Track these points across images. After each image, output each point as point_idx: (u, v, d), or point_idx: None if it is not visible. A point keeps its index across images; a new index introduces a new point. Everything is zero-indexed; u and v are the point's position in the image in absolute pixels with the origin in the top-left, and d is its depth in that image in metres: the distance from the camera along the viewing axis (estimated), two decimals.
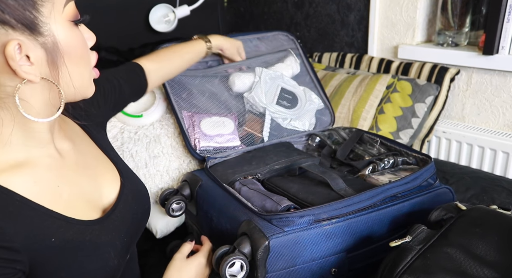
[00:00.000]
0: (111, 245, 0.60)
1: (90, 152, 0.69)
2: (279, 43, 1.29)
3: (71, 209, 0.57)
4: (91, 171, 0.66)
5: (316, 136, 1.17)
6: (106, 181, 0.67)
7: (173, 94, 1.10)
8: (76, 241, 0.55)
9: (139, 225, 0.71)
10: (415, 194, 0.85)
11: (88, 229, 0.58)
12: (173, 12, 1.47)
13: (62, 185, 0.58)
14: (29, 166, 0.55)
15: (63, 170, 0.60)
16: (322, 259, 0.76)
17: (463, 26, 1.43)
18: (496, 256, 0.62)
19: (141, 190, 0.73)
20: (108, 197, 0.66)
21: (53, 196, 0.56)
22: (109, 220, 0.62)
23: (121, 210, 0.65)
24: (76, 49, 0.55)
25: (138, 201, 0.70)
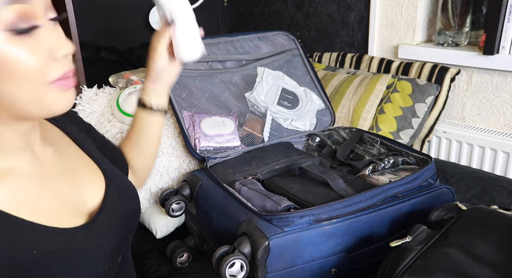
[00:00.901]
0: (99, 250, 0.58)
1: (72, 155, 0.66)
2: (279, 43, 1.29)
3: (53, 218, 0.55)
4: (73, 174, 0.63)
5: (316, 136, 1.16)
6: (90, 183, 0.65)
7: (173, 94, 1.10)
8: (60, 250, 0.53)
9: (129, 225, 0.68)
10: (415, 194, 0.85)
11: (73, 236, 0.55)
12: None
13: (43, 193, 0.56)
14: (5, 176, 0.53)
15: (43, 177, 0.57)
16: (322, 259, 0.76)
17: (463, 26, 1.43)
18: (496, 256, 0.62)
19: (128, 189, 0.71)
20: (93, 200, 0.63)
21: (33, 206, 0.54)
22: (96, 224, 0.60)
23: (108, 212, 0.63)
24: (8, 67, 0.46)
25: (125, 200, 0.68)
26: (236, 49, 1.23)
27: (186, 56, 0.74)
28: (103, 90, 1.19)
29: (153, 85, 0.79)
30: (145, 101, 0.80)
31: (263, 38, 1.28)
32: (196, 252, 0.99)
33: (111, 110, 1.12)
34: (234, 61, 1.22)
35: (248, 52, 1.24)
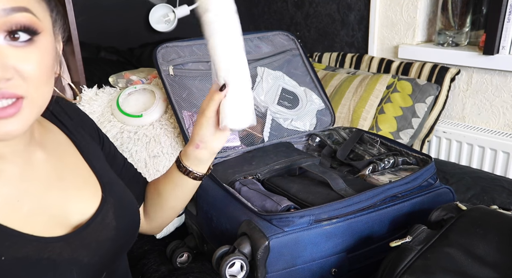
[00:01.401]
0: (74, 264, 0.55)
1: (71, 164, 0.64)
2: (279, 43, 1.29)
3: (30, 225, 0.53)
4: (65, 184, 0.61)
5: (316, 136, 1.16)
6: (82, 196, 0.62)
7: (174, 94, 1.10)
8: (30, 259, 0.50)
9: (121, 243, 0.65)
10: (415, 194, 0.85)
11: (48, 246, 0.53)
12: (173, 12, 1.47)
13: (24, 198, 0.54)
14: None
15: (27, 182, 0.56)
16: (322, 259, 0.76)
17: (463, 26, 1.43)
18: (496, 256, 0.62)
19: (127, 205, 0.67)
20: (82, 213, 0.60)
21: (10, 211, 0.52)
22: (78, 237, 0.57)
23: (97, 227, 0.60)
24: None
25: (121, 217, 0.64)
26: None
27: (233, 124, 0.65)
28: (103, 90, 1.19)
29: (195, 150, 0.71)
30: (183, 165, 0.73)
31: (263, 38, 1.28)
32: (196, 252, 0.99)
33: (111, 110, 1.12)
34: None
35: (248, 52, 1.24)
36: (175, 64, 1.13)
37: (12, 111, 0.47)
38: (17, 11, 0.46)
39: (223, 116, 0.65)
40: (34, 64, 0.48)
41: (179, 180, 0.74)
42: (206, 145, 0.70)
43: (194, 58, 1.17)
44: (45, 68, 0.50)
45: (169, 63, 1.13)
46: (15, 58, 0.47)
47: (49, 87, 0.52)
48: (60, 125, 0.67)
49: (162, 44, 1.14)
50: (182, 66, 1.15)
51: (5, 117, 0.47)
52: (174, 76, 1.12)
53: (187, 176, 0.74)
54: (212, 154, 0.72)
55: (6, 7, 0.45)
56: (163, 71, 1.12)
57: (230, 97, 0.65)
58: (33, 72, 0.48)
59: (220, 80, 0.65)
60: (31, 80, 0.48)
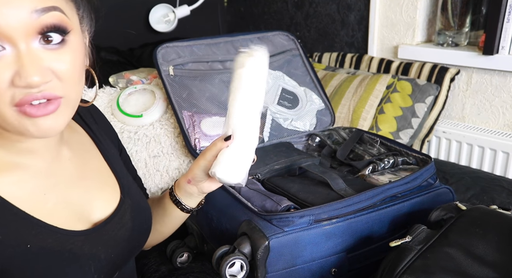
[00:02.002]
0: (93, 259, 0.57)
1: (93, 164, 0.67)
2: (279, 43, 1.29)
3: (55, 218, 0.55)
4: (87, 182, 0.63)
5: (316, 136, 1.17)
6: (103, 195, 0.65)
7: (174, 94, 1.10)
8: (54, 249, 0.53)
9: (135, 244, 0.67)
10: (415, 194, 0.85)
11: (70, 239, 0.55)
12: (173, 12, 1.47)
13: (50, 193, 0.57)
14: (16, 169, 0.54)
15: (54, 179, 0.58)
16: (322, 259, 0.76)
17: (463, 26, 1.43)
18: (496, 256, 0.62)
19: (143, 208, 0.70)
20: (102, 211, 0.63)
21: (37, 203, 0.54)
22: (98, 233, 0.60)
23: (114, 225, 0.62)
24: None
25: (137, 218, 0.67)
26: (236, 49, 1.23)
27: (221, 175, 0.65)
28: (103, 90, 1.19)
29: (186, 184, 0.73)
30: (174, 193, 0.75)
31: (263, 38, 1.28)
32: (196, 252, 0.99)
33: (111, 110, 1.12)
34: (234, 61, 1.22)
35: None
36: (175, 64, 1.14)
37: (52, 108, 0.50)
38: (47, 11, 0.48)
39: (215, 163, 0.66)
40: (68, 64, 0.51)
41: (168, 208, 0.76)
42: (197, 184, 0.72)
43: (194, 58, 1.17)
44: (78, 66, 0.53)
45: (169, 63, 1.13)
46: (50, 60, 0.49)
47: (82, 84, 0.55)
48: (85, 126, 0.69)
49: (162, 44, 1.14)
50: (182, 66, 1.15)
51: (47, 114, 0.50)
52: (174, 76, 1.12)
53: (176, 206, 0.75)
54: (201, 193, 0.74)
55: (38, 8, 0.47)
56: (163, 71, 1.12)
57: (230, 150, 0.66)
58: (67, 72, 0.51)
59: (228, 130, 0.66)
60: (66, 80, 0.51)
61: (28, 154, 0.56)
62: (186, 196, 0.75)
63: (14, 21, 0.46)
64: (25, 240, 0.51)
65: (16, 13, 0.45)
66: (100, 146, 0.70)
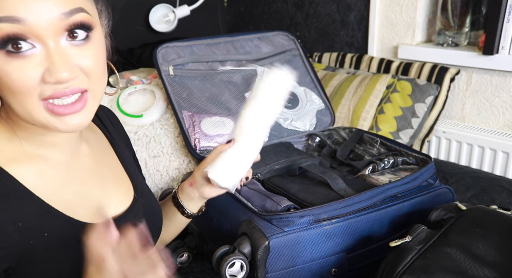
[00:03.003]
0: None
1: (109, 163, 0.68)
2: (279, 43, 1.29)
3: (72, 209, 0.57)
4: (103, 180, 0.65)
5: (316, 136, 1.17)
6: (117, 193, 0.66)
7: (174, 94, 1.10)
8: (70, 239, 0.55)
9: None
10: (415, 194, 0.85)
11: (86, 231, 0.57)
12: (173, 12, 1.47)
13: (67, 186, 0.59)
14: (36, 159, 0.56)
15: (72, 173, 0.60)
16: (322, 259, 0.76)
17: (463, 26, 1.43)
18: (496, 256, 0.62)
19: (155, 209, 0.72)
20: (116, 208, 0.65)
21: (56, 194, 0.56)
22: None
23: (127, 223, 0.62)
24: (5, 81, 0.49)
25: (149, 218, 0.68)
26: (236, 49, 1.23)
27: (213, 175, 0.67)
28: None
29: (189, 187, 0.76)
30: (177, 196, 0.78)
31: (263, 38, 1.28)
32: (196, 252, 0.99)
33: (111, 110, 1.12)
34: (234, 61, 1.22)
35: (248, 52, 1.24)
36: (175, 64, 1.14)
37: (80, 106, 0.53)
38: (75, 13, 0.50)
39: (212, 163, 0.68)
40: (93, 59, 0.53)
41: (170, 211, 0.79)
42: (198, 188, 0.75)
43: (194, 58, 1.17)
44: (102, 60, 0.55)
45: (169, 63, 1.13)
46: (77, 57, 0.51)
47: (105, 77, 0.58)
48: (103, 128, 0.72)
49: (162, 44, 1.14)
50: (182, 66, 1.15)
51: (75, 112, 0.52)
52: (174, 76, 1.12)
53: (177, 209, 0.78)
54: (201, 197, 0.77)
55: (65, 10, 0.49)
56: (163, 71, 1.12)
57: (228, 153, 0.68)
58: (93, 67, 0.53)
59: (232, 134, 0.69)
60: (92, 74, 0.53)
61: (49, 146, 0.58)
62: (188, 200, 0.77)
63: (43, 22, 0.48)
64: (43, 229, 0.53)
65: (45, 14, 0.48)
66: (116, 147, 0.72)
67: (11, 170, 0.53)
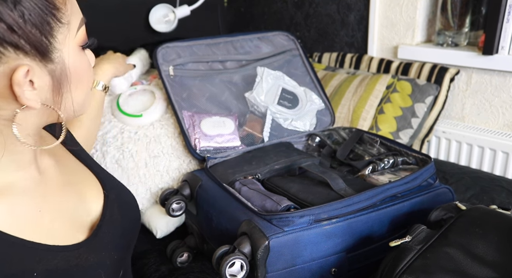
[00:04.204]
0: (101, 266, 0.57)
1: (72, 167, 0.65)
2: (279, 44, 1.29)
3: (54, 236, 0.54)
4: (75, 187, 0.62)
5: (316, 136, 1.17)
6: (90, 195, 0.64)
7: (174, 94, 1.11)
8: (61, 269, 0.51)
9: (129, 238, 0.67)
10: (415, 194, 0.85)
11: (74, 253, 0.54)
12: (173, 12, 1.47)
13: (44, 208, 0.55)
14: (4, 194, 0.50)
15: (44, 191, 0.56)
16: (322, 259, 0.76)
17: (463, 26, 1.43)
18: (496, 256, 0.62)
19: (127, 200, 0.69)
20: (94, 212, 0.62)
21: (33, 224, 0.52)
22: (97, 239, 0.59)
23: (107, 224, 0.62)
24: (83, 75, 0.55)
25: (124, 211, 0.67)
26: (236, 49, 1.23)
27: None
28: None
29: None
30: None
31: (263, 38, 1.28)
32: (196, 252, 0.99)
33: (112, 110, 1.12)
34: (234, 61, 1.22)
35: (248, 52, 1.24)
36: (175, 65, 1.14)
37: None
38: None
39: None
40: None
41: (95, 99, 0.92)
42: None
43: (194, 58, 1.17)
44: None
45: (169, 63, 1.13)
46: None
47: None
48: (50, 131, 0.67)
49: (162, 44, 1.14)
50: (182, 66, 1.15)
51: None
52: (174, 76, 1.13)
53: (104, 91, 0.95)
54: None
55: None
56: (163, 71, 1.12)
57: None
58: None
59: None
60: None
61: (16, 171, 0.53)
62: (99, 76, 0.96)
63: None
64: (30, 269, 0.49)
65: None
66: (67, 145, 0.68)
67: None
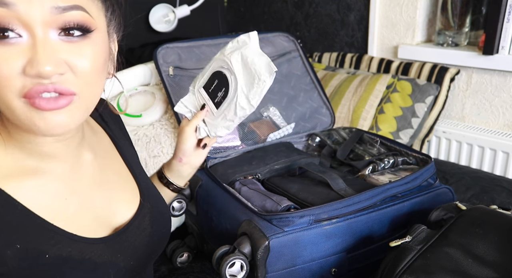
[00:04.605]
0: (112, 267, 0.56)
1: (114, 167, 0.65)
2: (279, 44, 1.29)
3: (76, 225, 0.54)
4: (108, 186, 0.62)
5: (316, 136, 1.17)
6: (123, 198, 0.64)
7: (174, 94, 1.10)
8: (72, 259, 0.52)
9: (154, 248, 0.66)
10: (415, 194, 0.85)
11: (90, 247, 0.54)
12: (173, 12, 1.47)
13: (71, 197, 0.56)
14: (36, 173, 0.52)
15: (75, 182, 0.57)
16: (322, 259, 0.76)
17: (463, 26, 1.43)
18: (496, 256, 0.62)
19: (162, 212, 0.69)
20: (123, 215, 0.62)
21: (58, 209, 0.53)
22: (118, 240, 0.58)
23: (134, 231, 0.61)
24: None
25: (156, 223, 0.66)
26: None
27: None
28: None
29: (178, 163, 0.80)
30: (165, 176, 0.81)
31: (263, 39, 1.28)
32: (196, 252, 0.99)
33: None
34: None
35: None
36: (175, 65, 1.14)
37: (63, 103, 0.47)
38: (69, 10, 0.46)
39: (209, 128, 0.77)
40: (87, 59, 0.48)
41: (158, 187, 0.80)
42: (188, 159, 0.79)
43: (194, 59, 1.17)
44: (97, 65, 0.50)
45: (169, 64, 1.13)
46: (68, 52, 0.47)
47: (99, 87, 0.53)
48: (106, 127, 0.69)
49: (163, 45, 1.14)
50: (182, 66, 1.15)
51: (57, 108, 0.47)
52: (174, 76, 1.12)
53: (166, 187, 0.81)
54: (193, 168, 0.82)
55: (59, 5, 0.46)
56: (163, 71, 1.12)
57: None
58: (85, 68, 0.48)
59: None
60: (82, 77, 0.48)
61: (49, 158, 0.54)
62: (177, 176, 0.81)
63: (34, 11, 0.44)
64: (43, 250, 0.49)
65: (37, 5, 0.44)
66: (120, 147, 0.69)
67: (8, 187, 0.49)
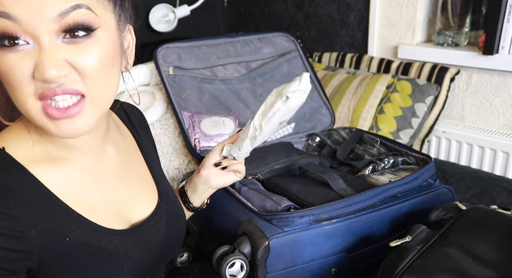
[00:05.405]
0: (127, 259, 0.58)
1: (136, 166, 0.67)
2: (279, 44, 1.29)
3: (95, 214, 0.56)
4: (129, 182, 0.64)
5: (316, 136, 1.17)
6: (142, 197, 0.65)
7: (174, 95, 1.11)
8: (90, 246, 0.54)
9: (168, 249, 0.68)
10: (415, 194, 0.85)
11: (108, 237, 0.56)
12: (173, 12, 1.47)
13: (93, 189, 0.58)
14: (62, 162, 0.55)
15: (98, 175, 0.59)
16: (322, 259, 0.76)
17: (463, 26, 1.43)
18: (496, 256, 0.62)
19: (178, 214, 0.71)
20: (140, 213, 0.64)
21: (80, 198, 0.55)
22: (134, 235, 0.60)
23: (150, 229, 0.63)
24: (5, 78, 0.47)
25: (172, 224, 0.67)
26: (236, 50, 1.23)
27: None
28: None
29: (196, 175, 0.76)
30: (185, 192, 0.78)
31: (263, 39, 1.28)
32: (196, 252, 0.99)
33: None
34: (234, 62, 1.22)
35: (248, 53, 1.24)
36: (175, 65, 1.14)
37: (75, 111, 0.48)
38: (72, 10, 0.46)
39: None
40: (92, 58, 0.48)
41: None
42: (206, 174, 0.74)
43: (194, 59, 1.17)
44: (104, 63, 0.50)
45: (169, 64, 1.13)
46: (72, 53, 0.47)
47: (110, 84, 0.53)
48: (131, 128, 0.71)
49: (163, 45, 1.14)
50: (182, 66, 1.15)
51: (69, 116, 0.48)
52: (174, 76, 1.13)
53: (183, 204, 0.78)
54: (208, 185, 0.76)
55: (61, 11, 0.46)
56: (163, 71, 1.12)
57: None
58: (91, 67, 0.48)
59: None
60: (89, 76, 0.49)
61: (72, 149, 0.56)
62: (192, 189, 0.77)
63: (38, 25, 0.45)
64: (64, 233, 0.52)
65: (38, 13, 0.45)
66: (143, 149, 0.70)
67: (35, 171, 0.51)
